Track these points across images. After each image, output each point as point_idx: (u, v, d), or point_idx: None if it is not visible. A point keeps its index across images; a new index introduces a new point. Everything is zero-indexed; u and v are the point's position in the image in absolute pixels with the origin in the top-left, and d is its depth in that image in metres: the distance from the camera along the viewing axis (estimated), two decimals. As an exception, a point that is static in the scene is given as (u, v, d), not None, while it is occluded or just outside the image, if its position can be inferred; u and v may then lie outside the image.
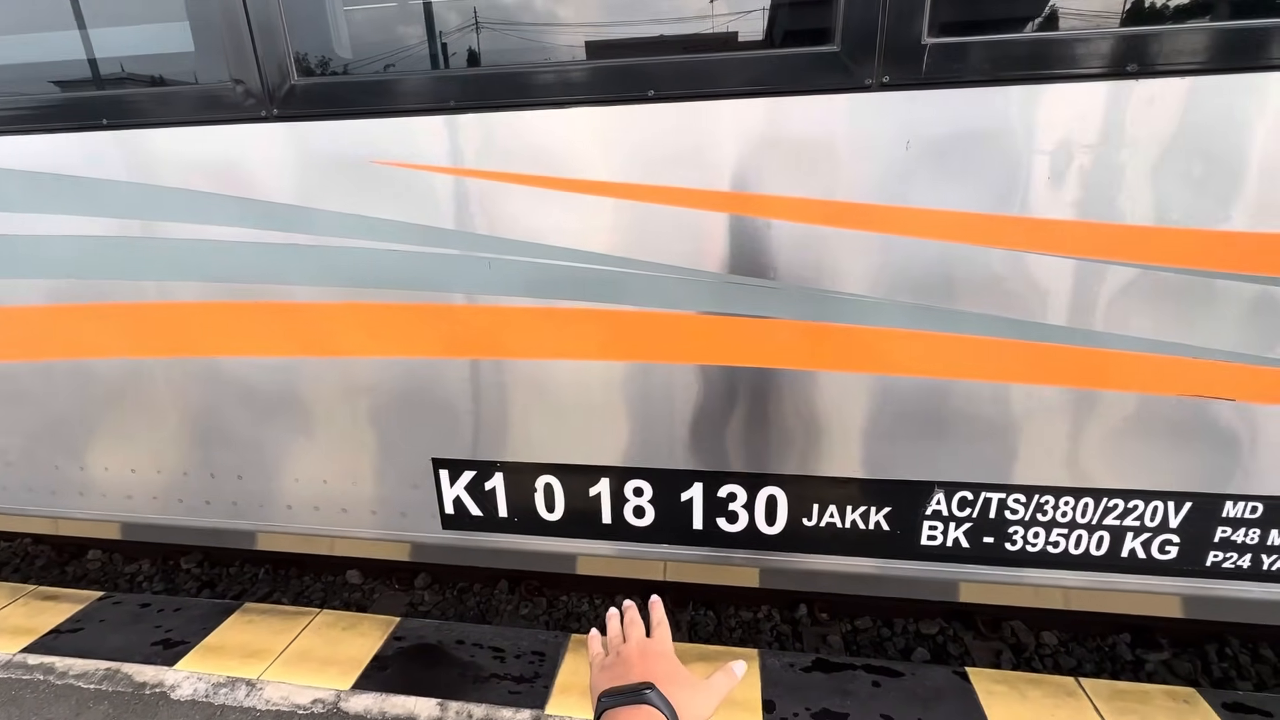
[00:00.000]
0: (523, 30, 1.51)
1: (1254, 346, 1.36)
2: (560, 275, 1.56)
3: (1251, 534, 1.48)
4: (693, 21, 1.45)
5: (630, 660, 0.73)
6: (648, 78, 1.40)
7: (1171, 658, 2.35)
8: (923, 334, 1.47)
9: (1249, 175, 1.27)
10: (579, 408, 1.67)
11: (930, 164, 1.35)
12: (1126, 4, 1.28)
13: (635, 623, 0.82)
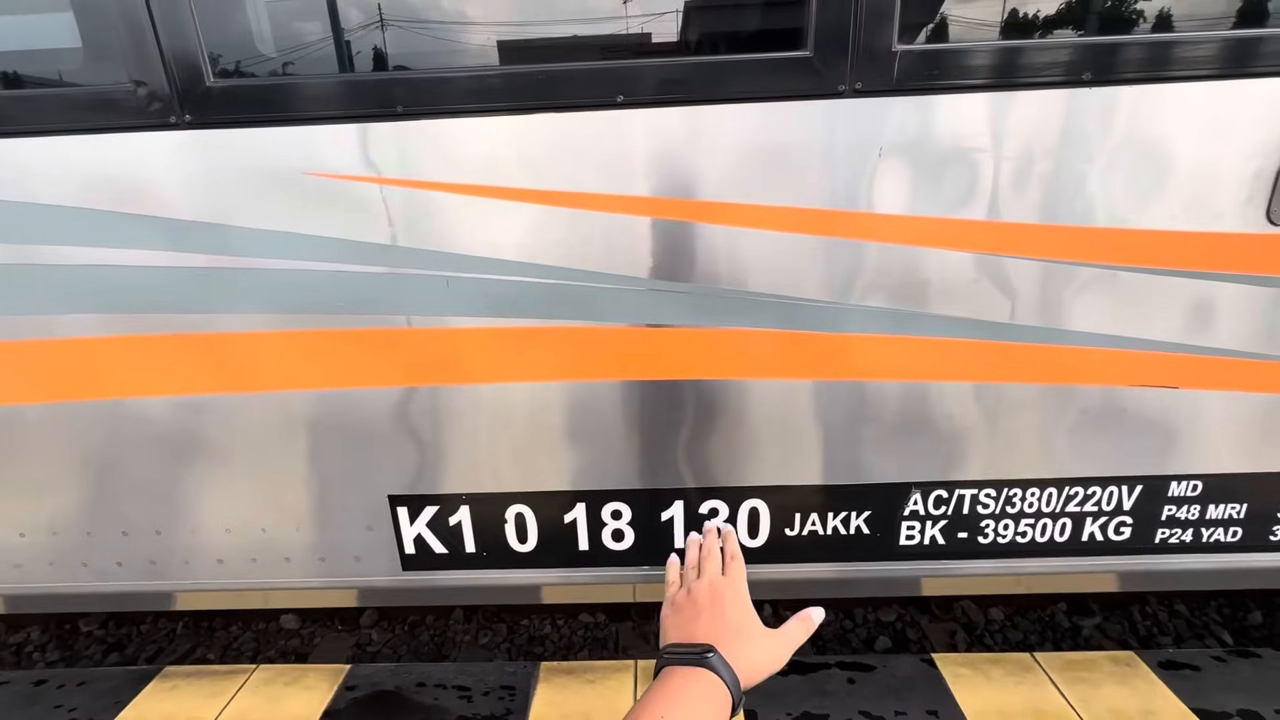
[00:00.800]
0: (480, 28, 1.39)
1: (1193, 337, 1.47)
2: (529, 292, 1.46)
3: (1193, 510, 1.61)
4: (660, 26, 1.39)
5: (700, 602, 0.70)
6: (617, 82, 1.32)
7: (1103, 621, 2.54)
8: (899, 339, 1.48)
9: (1190, 179, 1.36)
10: (551, 432, 1.58)
11: (903, 170, 1.36)
12: (1086, 14, 1.34)
13: (712, 555, 0.80)
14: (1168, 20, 1.35)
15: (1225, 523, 1.64)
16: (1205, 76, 1.30)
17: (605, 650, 2.44)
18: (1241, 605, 2.51)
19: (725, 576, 0.75)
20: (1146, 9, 1.35)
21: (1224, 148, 1.34)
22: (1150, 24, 1.36)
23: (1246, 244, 1.40)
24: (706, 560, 0.79)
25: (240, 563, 1.71)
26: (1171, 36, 1.32)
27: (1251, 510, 1.63)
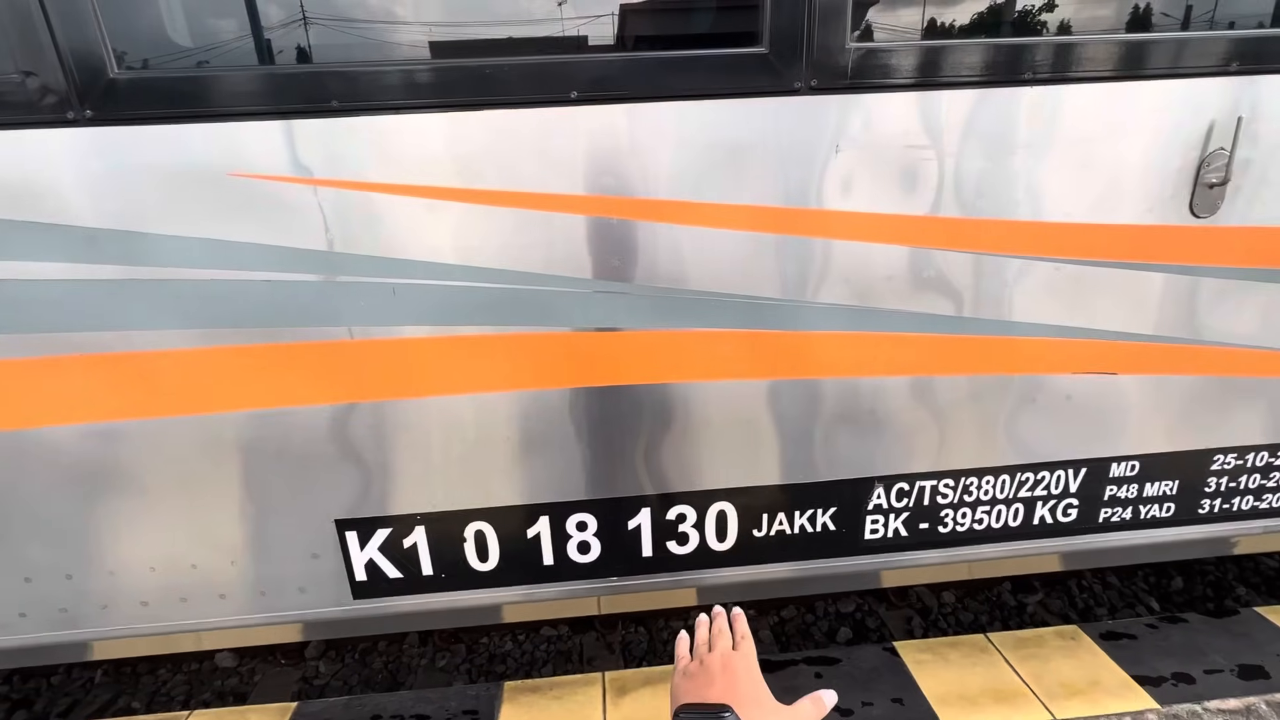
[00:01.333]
0: (426, 19, 1.31)
1: (1127, 325, 1.54)
2: (480, 299, 1.39)
3: (1132, 489, 1.69)
4: (615, 21, 1.34)
5: (713, 671, 0.73)
6: (571, 77, 1.27)
7: (1045, 597, 2.67)
8: (859, 335, 1.49)
9: (1122, 175, 1.43)
10: (509, 444, 1.51)
11: (859, 166, 1.37)
12: (1027, 16, 1.38)
13: (723, 633, 0.82)
14: (1102, 23, 1.42)
15: (1160, 499, 1.74)
16: (1135, 77, 1.37)
17: (570, 664, 2.37)
18: (1165, 573, 2.69)
19: (738, 651, 0.77)
20: (1081, 13, 1.41)
21: (1152, 145, 1.41)
22: (1085, 27, 1.42)
23: (1172, 235, 1.48)
24: (718, 637, 0.81)
25: (168, 604, 1.55)
26: (1107, 38, 1.38)
27: (1182, 486, 1.73)
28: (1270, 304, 1.57)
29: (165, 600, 1.55)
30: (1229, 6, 1.44)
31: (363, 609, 1.60)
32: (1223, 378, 1.62)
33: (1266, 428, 1.70)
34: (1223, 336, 1.58)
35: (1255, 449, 1.72)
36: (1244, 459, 1.72)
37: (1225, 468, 1.72)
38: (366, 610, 1.61)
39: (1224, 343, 1.58)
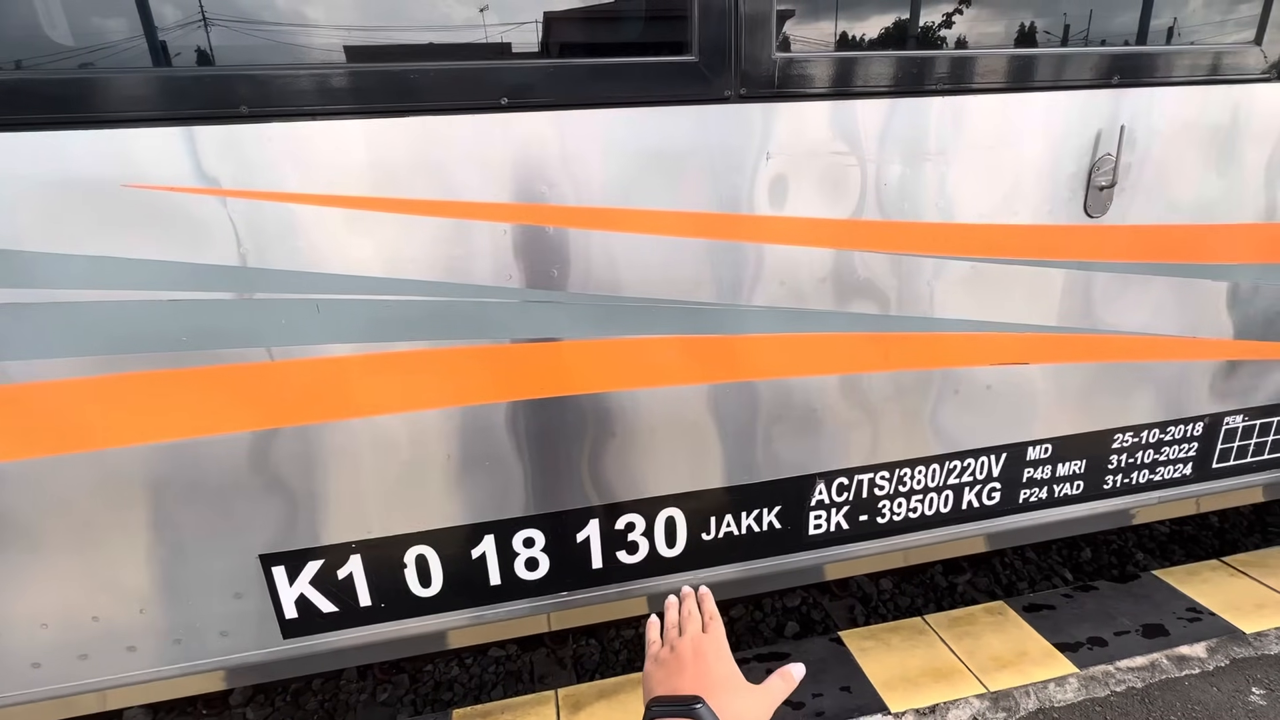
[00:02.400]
0: (349, 19, 1.24)
1: (1034, 318, 1.66)
2: (414, 313, 1.33)
3: (1046, 470, 1.82)
4: (546, 27, 1.32)
5: (684, 657, 0.73)
6: (502, 84, 1.24)
7: (973, 576, 2.83)
8: (795, 336, 1.53)
9: (1027, 179, 1.53)
10: (448, 462, 1.45)
11: (789, 173, 1.41)
12: (940, 30, 1.47)
13: (692, 616, 0.81)
14: (1001, 39, 1.52)
15: (1070, 478, 1.88)
16: (1032, 88, 1.48)
17: (521, 684, 2.31)
18: (1075, 546, 2.91)
19: (707, 633, 0.77)
20: (983, 29, 1.51)
21: (1049, 151, 1.53)
22: (986, 42, 1.52)
23: (1070, 234, 1.61)
24: (687, 621, 0.81)
25: (65, 662, 1.39)
26: (1006, 53, 1.49)
27: (1089, 465, 1.88)
28: (1156, 294, 1.73)
29: (61, 659, 1.39)
30: (1110, 25, 1.58)
31: (295, 648, 1.49)
32: (1118, 363, 1.78)
33: (1157, 407, 1.87)
34: (1116, 326, 1.73)
35: (1149, 427, 1.88)
36: (1140, 436, 1.89)
37: (1124, 445, 1.88)
38: (299, 649, 1.50)
39: (1118, 331, 1.73)
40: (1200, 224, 1.68)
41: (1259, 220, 1.72)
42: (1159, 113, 1.56)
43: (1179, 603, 2.19)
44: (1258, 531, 2.88)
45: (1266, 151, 1.66)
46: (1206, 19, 1.60)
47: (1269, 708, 1.77)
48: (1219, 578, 2.30)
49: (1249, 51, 1.58)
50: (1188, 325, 1.78)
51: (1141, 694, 1.83)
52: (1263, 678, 1.86)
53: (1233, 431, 1.98)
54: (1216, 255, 1.73)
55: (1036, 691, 1.85)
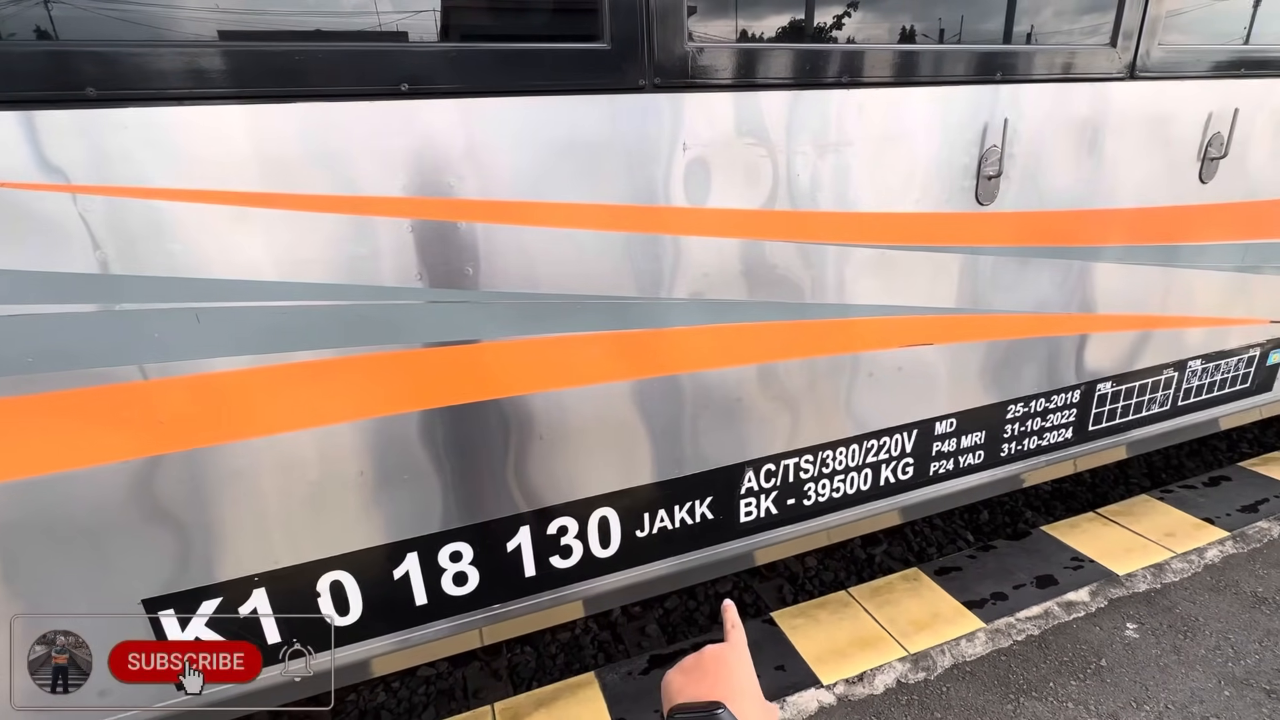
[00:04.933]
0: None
1: (935, 301, 1.76)
2: (314, 319, 1.21)
3: (951, 443, 1.94)
4: (451, 11, 1.24)
5: (706, 664, 0.70)
6: (402, 69, 1.15)
7: (889, 546, 2.99)
8: (719, 327, 1.53)
9: (927, 169, 1.61)
10: (361, 479, 1.34)
11: (706, 163, 1.40)
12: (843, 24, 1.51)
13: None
14: (897, 35, 1.59)
15: (972, 449, 2.02)
16: (928, 82, 1.55)
17: (454, 702, 2.21)
18: (975, 510, 3.15)
19: (728, 642, 0.74)
20: (881, 26, 1.57)
21: (944, 143, 1.62)
22: (884, 38, 1.58)
23: (965, 221, 1.72)
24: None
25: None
26: (901, 48, 1.56)
27: (988, 436, 2.03)
28: (1040, 275, 1.88)
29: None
30: (995, 26, 1.69)
31: (191, 700, 1.34)
32: (1009, 340, 1.92)
33: (1040, 378, 2.04)
34: (1006, 305, 1.87)
35: (1034, 397, 2.06)
36: (1029, 406, 2.06)
37: (1016, 415, 2.05)
38: (196, 701, 1.34)
39: (1008, 310, 1.87)
40: (1073, 210, 1.85)
41: (1121, 206, 1.91)
42: (1035, 107, 1.69)
43: (1064, 553, 2.42)
44: (1122, 484, 3.24)
45: (1123, 143, 1.84)
46: (1075, 23, 1.75)
47: (1140, 639, 1.99)
48: (1095, 528, 2.57)
49: (1106, 53, 1.74)
50: (1064, 303, 1.96)
51: (1039, 640, 2.00)
52: (1134, 613, 2.09)
53: (1104, 397, 2.20)
54: (1087, 238, 1.91)
55: (950, 649, 1.98)
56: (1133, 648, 1.96)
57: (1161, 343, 2.21)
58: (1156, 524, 2.54)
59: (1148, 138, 1.87)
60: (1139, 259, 2.01)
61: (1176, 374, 2.31)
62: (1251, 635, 1.98)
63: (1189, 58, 1.85)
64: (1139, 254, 2.01)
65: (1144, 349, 2.19)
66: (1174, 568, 2.28)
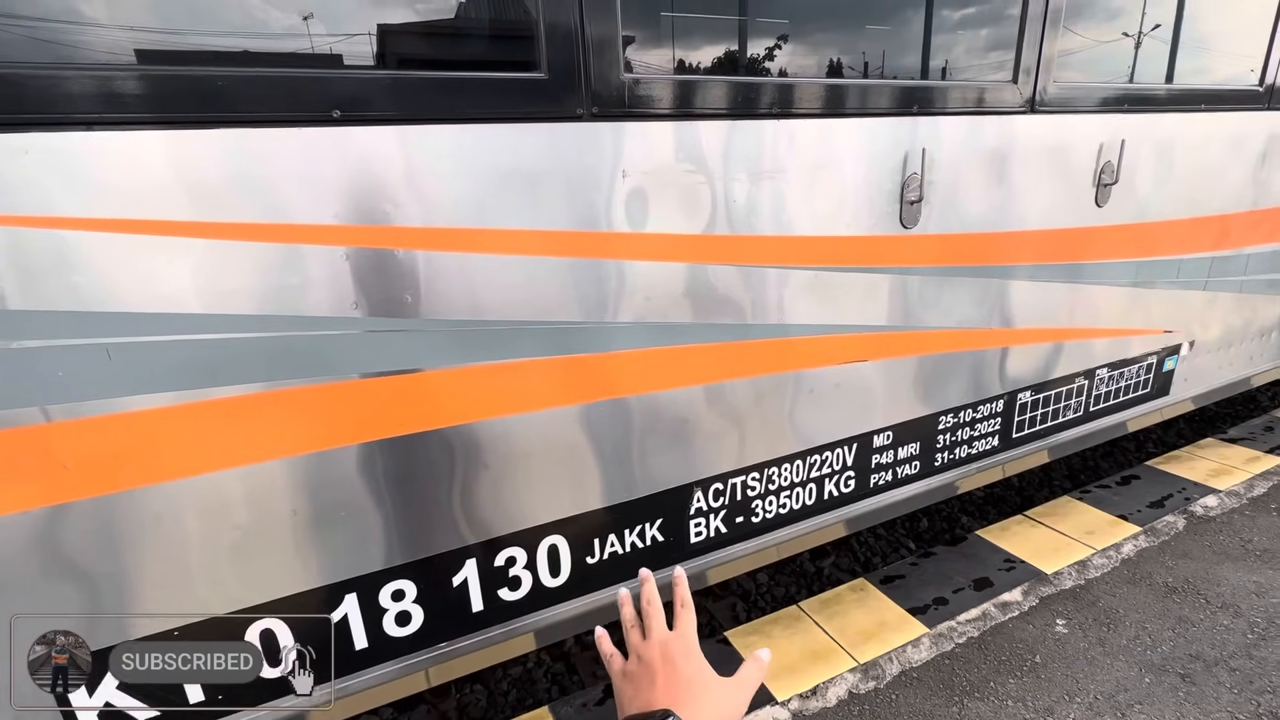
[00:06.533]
0: (152, 17, 1.05)
1: (867, 319, 1.84)
2: (242, 352, 1.16)
3: (889, 455, 2.02)
4: (387, 36, 1.22)
5: (653, 665, 0.66)
6: (334, 95, 1.13)
7: (836, 558, 3.06)
8: (663, 350, 1.55)
9: (856, 195, 1.70)
10: (298, 518, 1.28)
11: (646, 190, 1.43)
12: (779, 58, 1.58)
13: (654, 606, 0.72)
14: (826, 70, 1.68)
15: (909, 459, 2.10)
16: (855, 115, 1.64)
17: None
18: (915, 517, 3.27)
19: (674, 631, 0.70)
20: (810, 60, 1.66)
21: (871, 170, 1.71)
22: (814, 72, 1.67)
23: (891, 243, 1.81)
24: (651, 614, 0.72)
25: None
26: (829, 82, 1.64)
27: (922, 446, 2.12)
28: (962, 293, 2.00)
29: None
30: (912, 60, 1.81)
31: None
32: (937, 354, 2.03)
33: (968, 390, 2.16)
34: (933, 322, 1.97)
35: (963, 407, 2.17)
36: (959, 416, 2.17)
37: (948, 425, 2.15)
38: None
39: (934, 326, 1.98)
40: (988, 232, 1.98)
41: (1030, 228, 2.06)
42: (949, 138, 1.81)
43: (997, 556, 2.54)
44: (1046, 486, 3.44)
45: (1028, 171, 2.00)
46: (983, 60, 1.89)
47: (1069, 634, 2.10)
48: (1024, 529, 2.71)
49: (1009, 89, 1.89)
50: (985, 318, 2.09)
51: (979, 642, 2.08)
52: (1063, 609, 2.21)
53: (1025, 405, 2.34)
54: (1001, 258, 2.05)
55: (897, 656, 2.04)
56: (1063, 643, 2.07)
57: (1072, 353, 2.38)
58: (1078, 523, 2.71)
59: (1049, 166, 2.04)
60: (1048, 276, 2.17)
61: (1087, 382, 2.49)
62: (1165, 623, 2.12)
63: (1081, 94, 2.04)
64: (1048, 272, 2.16)
65: (1057, 359, 2.35)
66: (1095, 564, 2.43)
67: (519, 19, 1.30)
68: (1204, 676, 1.90)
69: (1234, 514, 2.70)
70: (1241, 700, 1.82)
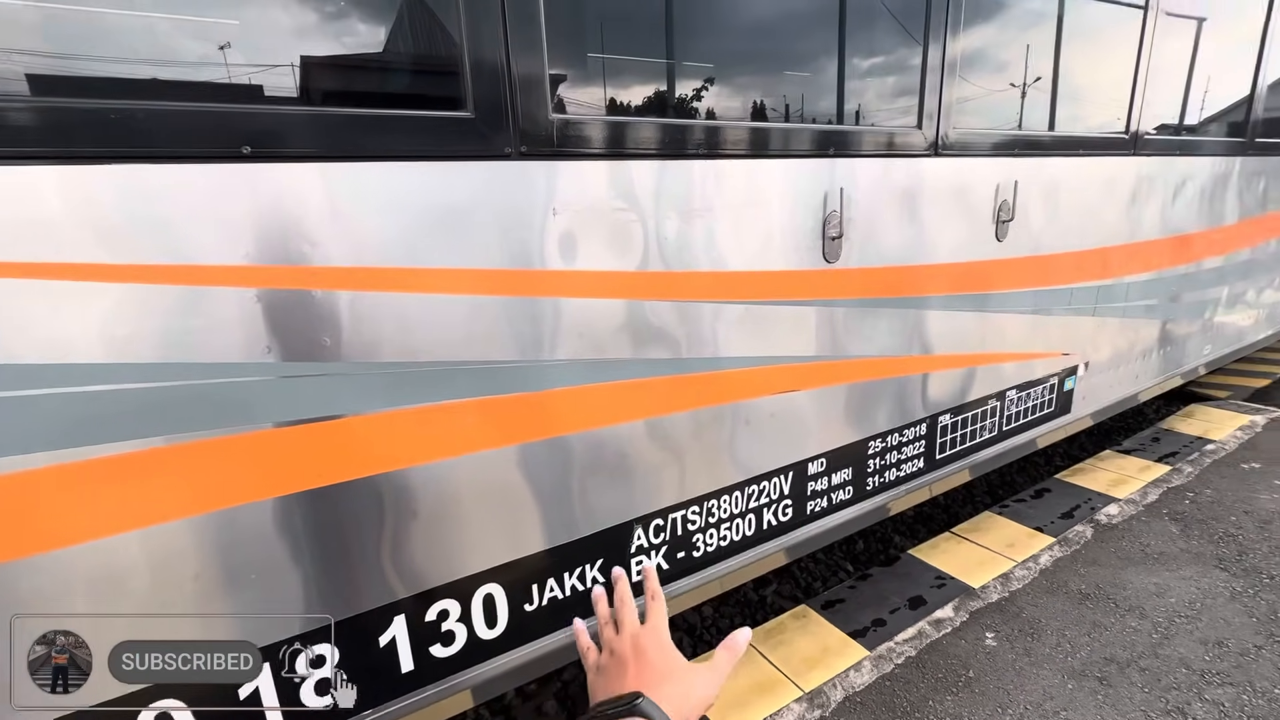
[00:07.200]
0: (45, 43, 0.96)
1: (795, 350, 1.90)
2: (138, 403, 1.06)
3: (823, 481, 2.07)
4: (307, 70, 1.18)
5: (624, 657, 0.69)
6: (242, 131, 1.07)
7: (778, 585, 3.09)
8: (596, 387, 1.54)
9: (783, 232, 1.76)
10: (202, 581, 1.16)
11: (577, 228, 1.43)
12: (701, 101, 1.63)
13: (626, 603, 0.75)
14: (749, 113, 1.76)
15: (842, 485, 2.16)
16: (779, 155, 1.72)
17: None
18: (851, 540, 3.35)
19: (646, 625, 0.73)
20: (734, 104, 1.73)
21: (795, 208, 1.79)
22: (738, 115, 1.74)
23: (816, 277, 1.89)
24: (623, 610, 0.75)
25: None
26: (754, 125, 1.72)
27: (854, 472, 2.18)
28: (883, 323, 2.10)
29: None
30: (829, 106, 1.92)
31: None
32: (863, 381, 2.11)
33: (894, 415, 2.25)
34: (858, 351, 2.06)
35: (890, 432, 2.26)
36: (886, 441, 2.25)
37: (877, 450, 2.23)
38: None
39: (860, 355, 2.06)
40: (903, 265, 2.10)
41: (941, 261, 2.20)
42: (864, 178, 1.93)
43: (929, 574, 2.63)
44: (969, 503, 3.61)
45: (936, 209, 2.14)
46: (893, 104, 2.03)
47: (998, 647, 2.18)
48: (951, 546, 2.82)
49: (915, 133, 2.03)
50: (906, 346, 2.20)
51: (916, 661, 2.13)
52: (991, 622, 2.30)
53: (945, 427, 2.46)
54: (917, 290, 2.17)
55: (841, 682, 2.05)
56: (993, 655, 2.14)
57: (985, 377, 2.54)
58: (1000, 537, 2.85)
59: (954, 204, 2.20)
60: (959, 306, 2.32)
61: (999, 403, 2.65)
62: (1081, 629, 2.25)
63: (978, 139, 2.22)
64: (959, 302, 2.31)
65: (972, 383, 2.50)
66: (1017, 575, 2.55)
67: (444, 56, 1.29)
68: (1119, 678, 2.02)
69: (1133, 520, 2.92)
70: (1152, 698, 1.94)
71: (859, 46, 1.90)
